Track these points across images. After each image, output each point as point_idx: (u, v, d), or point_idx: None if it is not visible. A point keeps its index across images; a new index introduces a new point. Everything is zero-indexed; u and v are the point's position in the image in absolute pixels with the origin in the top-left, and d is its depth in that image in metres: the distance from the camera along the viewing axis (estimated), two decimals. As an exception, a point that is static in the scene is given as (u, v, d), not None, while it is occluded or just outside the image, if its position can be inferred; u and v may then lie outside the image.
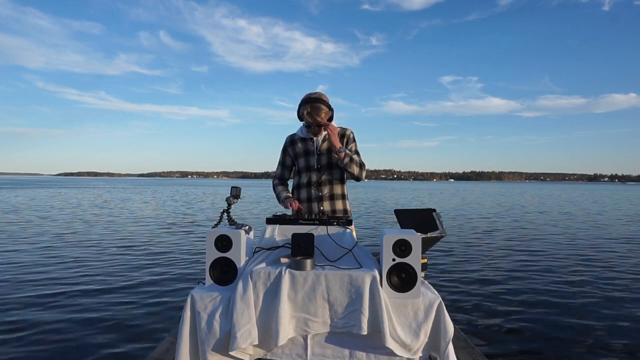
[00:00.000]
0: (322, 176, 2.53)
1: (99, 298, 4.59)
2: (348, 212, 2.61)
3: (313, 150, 2.55)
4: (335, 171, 2.55)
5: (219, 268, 2.00)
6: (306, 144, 2.57)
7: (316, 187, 2.53)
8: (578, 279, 5.73)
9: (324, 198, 2.54)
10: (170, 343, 2.68)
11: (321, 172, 2.53)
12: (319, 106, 2.41)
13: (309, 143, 2.56)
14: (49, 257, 6.80)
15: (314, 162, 2.53)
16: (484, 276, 5.82)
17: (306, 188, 2.55)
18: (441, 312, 1.85)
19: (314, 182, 2.53)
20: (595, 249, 8.26)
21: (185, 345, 1.86)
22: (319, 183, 2.53)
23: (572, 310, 4.35)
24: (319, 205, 2.53)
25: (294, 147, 2.60)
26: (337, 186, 2.57)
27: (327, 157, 2.54)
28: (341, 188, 2.59)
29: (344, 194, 2.61)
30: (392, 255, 1.87)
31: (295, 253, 1.98)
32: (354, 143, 2.59)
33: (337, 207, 2.56)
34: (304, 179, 2.56)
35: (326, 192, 2.54)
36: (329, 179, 2.54)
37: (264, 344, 1.88)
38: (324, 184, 2.54)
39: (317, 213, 2.52)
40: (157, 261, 6.65)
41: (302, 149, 2.57)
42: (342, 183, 2.60)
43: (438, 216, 2.46)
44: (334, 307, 1.88)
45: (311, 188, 2.54)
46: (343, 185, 2.61)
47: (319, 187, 2.53)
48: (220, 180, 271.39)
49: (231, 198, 2.26)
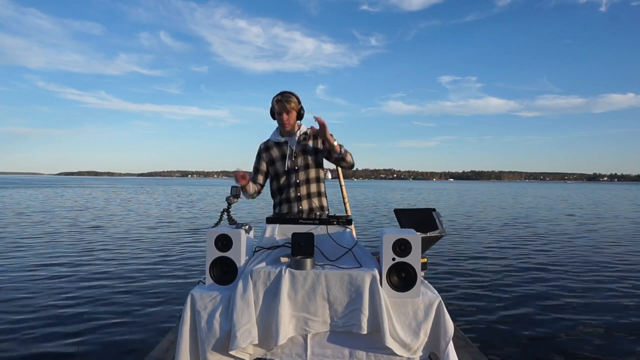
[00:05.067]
0: (299, 177, 2.59)
1: (98, 297, 4.59)
2: (325, 208, 2.68)
3: (288, 154, 2.60)
4: (311, 171, 2.62)
5: (219, 267, 2.00)
6: (281, 147, 2.63)
7: (294, 187, 2.59)
8: (579, 279, 5.73)
9: (302, 197, 2.60)
10: (170, 342, 2.68)
11: (298, 173, 2.59)
12: (289, 96, 2.52)
13: (284, 147, 2.62)
14: (48, 257, 6.80)
15: (289, 165, 2.59)
16: (484, 275, 5.82)
17: (286, 189, 2.61)
18: (441, 311, 1.85)
19: (292, 183, 2.59)
20: (596, 249, 8.26)
21: (185, 345, 1.86)
22: (297, 184, 2.59)
23: (572, 310, 4.35)
24: (297, 205, 2.59)
25: (269, 152, 2.66)
26: (314, 185, 2.63)
27: (302, 159, 2.60)
28: (317, 186, 2.65)
29: (320, 192, 2.67)
30: (392, 255, 1.87)
31: (295, 252, 1.98)
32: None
33: (314, 205, 2.62)
34: (281, 182, 2.62)
35: (304, 192, 2.60)
36: (305, 179, 2.61)
37: (264, 344, 1.88)
38: (302, 184, 2.60)
39: (296, 213, 2.57)
40: (157, 260, 6.65)
41: (278, 154, 2.63)
42: (319, 182, 2.67)
43: (438, 215, 2.46)
44: (334, 307, 1.88)
45: (290, 189, 2.59)
46: (319, 184, 2.67)
47: (297, 187, 2.59)
48: (220, 179, 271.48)
49: (231, 197, 2.26)
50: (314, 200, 2.62)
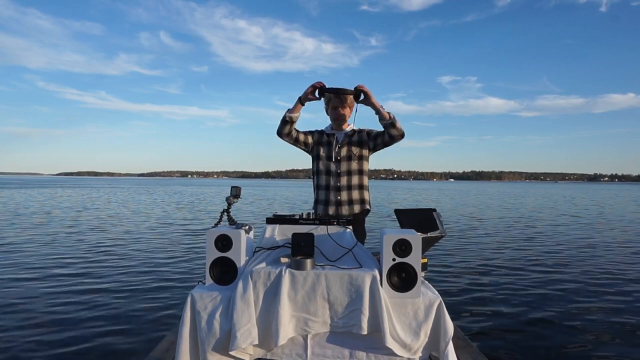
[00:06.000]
0: (342, 167, 2.66)
1: (98, 297, 4.59)
2: (365, 201, 2.73)
3: (334, 143, 2.70)
4: (353, 163, 2.68)
5: (219, 268, 2.00)
6: (329, 137, 2.74)
7: (335, 177, 2.66)
8: (580, 278, 5.73)
9: (342, 188, 2.66)
10: (170, 343, 2.68)
11: (340, 163, 2.67)
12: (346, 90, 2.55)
13: (332, 137, 2.74)
14: (47, 257, 6.80)
15: (333, 153, 2.68)
16: (484, 276, 5.81)
17: (325, 176, 2.69)
18: (441, 311, 1.85)
19: (333, 172, 2.67)
20: (598, 249, 8.26)
21: (185, 345, 1.86)
22: (338, 174, 2.66)
23: (573, 310, 4.35)
24: (337, 195, 2.66)
25: (320, 136, 2.76)
26: (355, 177, 2.69)
27: (346, 150, 2.69)
28: (359, 179, 2.71)
29: (362, 185, 2.72)
30: (392, 255, 1.87)
31: (295, 253, 1.98)
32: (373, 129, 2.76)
33: (354, 197, 2.67)
34: (324, 169, 2.69)
35: (344, 183, 2.66)
36: (347, 170, 2.67)
37: (264, 344, 1.88)
38: (343, 175, 2.67)
39: (335, 201, 2.65)
40: (157, 260, 6.65)
41: (326, 140, 2.73)
42: (361, 175, 2.72)
43: (438, 216, 2.46)
44: (334, 307, 1.88)
45: (330, 178, 2.67)
46: (362, 177, 2.72)
47: (337, 177, 2.66)
48: (220, 179, 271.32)
49: (231, 198, 2.26)
50: (354, 192, 2.67)
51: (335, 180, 2.66)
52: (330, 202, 2.66)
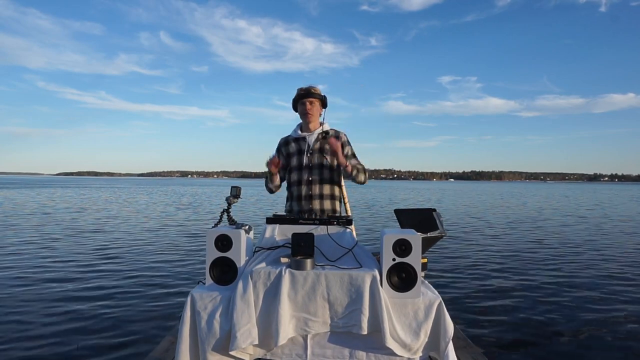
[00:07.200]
0: (313, 175, 2.56)
1: (98, 297, 4.59)
2: (337, 212, 2.63)
3: (305, 150, 2.59)
4: (325, 171, 2.59)
5: (219, 268, 2.00)
6: (299, 143, 2.63)
7: (307, 185, 2.56)
8: (581, 278, 5.72)
9: (314, 197, 2.56)
10: (170, 343, 2.68)
11: (312, 170, 2.57)
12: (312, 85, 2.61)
13: (302, 142, 2.62)
14: (48, 258, 6.80)
15: (305, 161, 2.57)
16: (484, 276, 5.82)
17: (297, 186, 2.59)
18: (441, 311, 1.85)
19: (305, 180, 2.57)
20: (599, 249, 8.25)
21: (185, 345, 1.86)
22: (310, 182, 2.56)
23: (573, 310, 4.35)
24: (308, 204, 2.56)
25: (288, 147, 2.66)
26: (327, 186, 2.59)
27: (318, 157, 2.58)
28: (330, 188, 2.61)
29: (333, 195, 2.63)
30: (392, 255, 1.87)
31: (295, 253, 1.98)
32: (349, 146, 2.65)
33: (325, 207, 2.58)
34: (295, 177, 2.60)
35: (316, 192, 2.57)
36: (319, 179, 2.57)
37: (264, 344, 1.88)
38: (314, 183, 2.57)
39: (306, 211, 2.53)
40: (157, 260, 6.65)
41: (295, 149, 2.63)
42: (333, 184, 2.62)
43: (438, 216, 2.46)
44: (334, 307, 1.87)
45: (302, 186, 2.57)
46: (333, 186, 2.63)
47: (309, 186, 2.56)
48: (220, 179, 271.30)
49: (231, 198, 2.25)
50: (325, 202, 2.57)
51: (307, 190, 2.56)
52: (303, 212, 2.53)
